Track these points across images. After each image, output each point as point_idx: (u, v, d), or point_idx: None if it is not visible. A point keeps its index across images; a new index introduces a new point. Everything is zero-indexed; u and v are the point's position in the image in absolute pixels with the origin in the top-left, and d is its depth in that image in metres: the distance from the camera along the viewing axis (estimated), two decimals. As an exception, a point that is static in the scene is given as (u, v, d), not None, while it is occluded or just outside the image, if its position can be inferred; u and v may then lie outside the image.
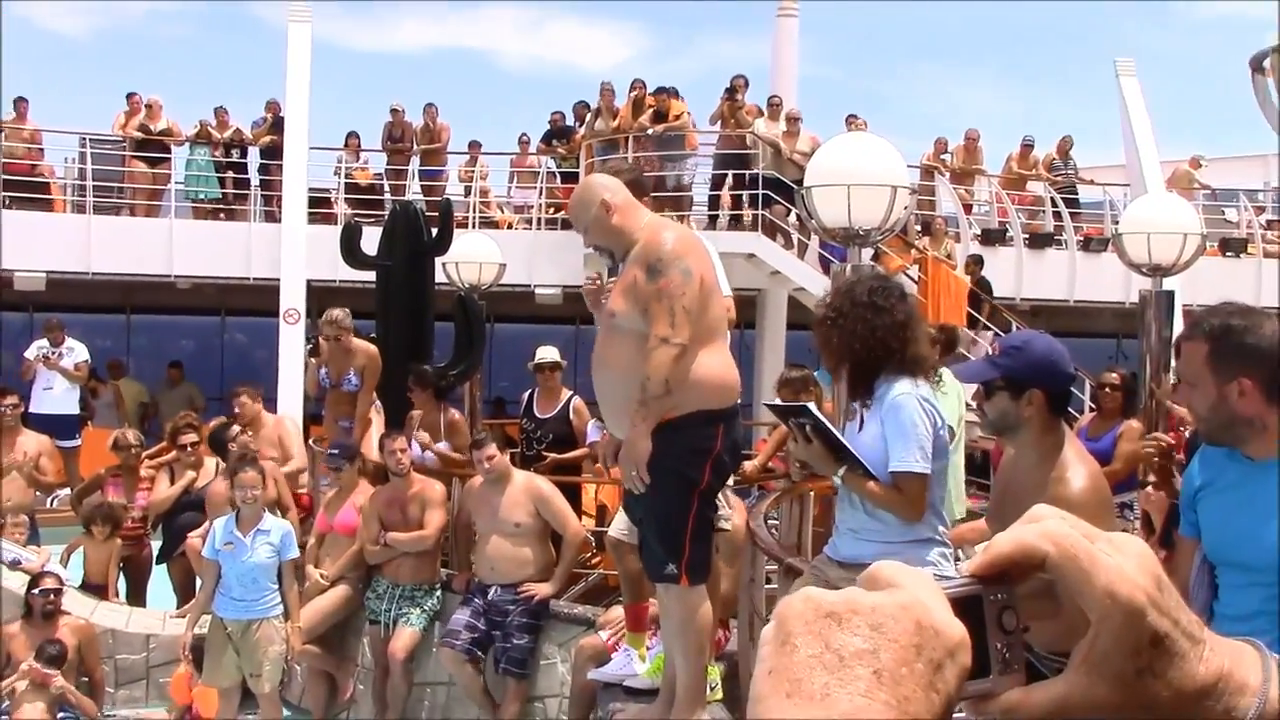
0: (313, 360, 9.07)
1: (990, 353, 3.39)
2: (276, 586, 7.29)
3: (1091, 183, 17.29)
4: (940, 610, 0.72)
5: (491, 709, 7.36)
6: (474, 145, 16.91)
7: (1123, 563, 0.77)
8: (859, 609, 0.71)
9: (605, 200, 4.23)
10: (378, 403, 9.21)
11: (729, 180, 14.53)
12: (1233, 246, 16.33)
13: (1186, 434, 6.87)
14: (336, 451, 8.17)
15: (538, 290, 15.24)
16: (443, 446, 8.74)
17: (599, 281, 4.41)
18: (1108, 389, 7.00)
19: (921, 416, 3.67)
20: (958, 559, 3.94)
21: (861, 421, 3.84)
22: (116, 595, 9.09)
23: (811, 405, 3.84)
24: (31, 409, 10.78)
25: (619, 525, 4.81)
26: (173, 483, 9.10)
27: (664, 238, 4.16)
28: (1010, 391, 3.23)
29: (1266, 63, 4.14)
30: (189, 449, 9.13)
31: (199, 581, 8.45)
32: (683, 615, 4.35)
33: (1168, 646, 0.77)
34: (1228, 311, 2.70)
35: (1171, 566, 3.15)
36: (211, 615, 7.30)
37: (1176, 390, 2.88)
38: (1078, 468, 3.22)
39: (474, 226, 15.20)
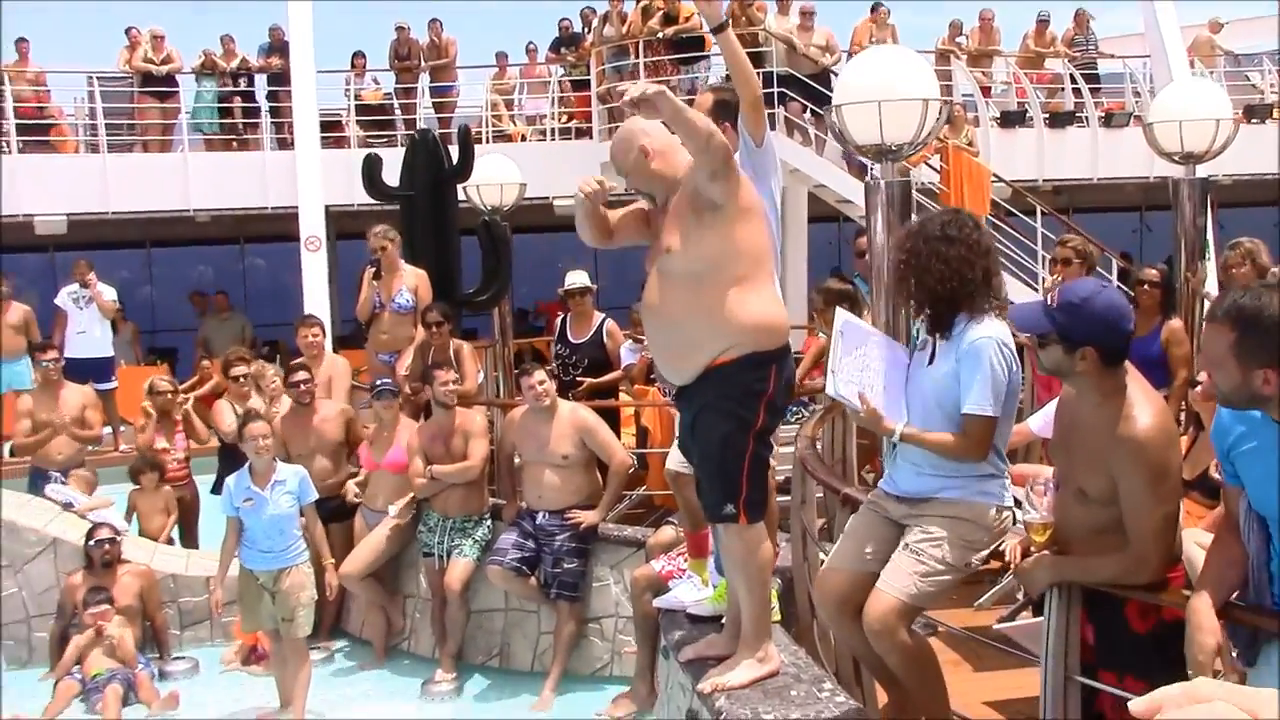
0: (372, 282, 8.87)
1: (1049, 301, 3.31)
2: (301, 533, 7.09)
3: (1112, 56, 16.94)
4: None
5: (549, 606, 7.57)
6: (500, 57, 16.67)
7: None
8: None
9: (644, 145, 4.12)
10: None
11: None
12: (1257, 113, 15.98)
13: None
14: (384, 387, 8.22)
15: (556, 202, 15.16)
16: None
17: (605, 185, 4.24)
18: (1146, 285, 6.92)
19: (1000, 361, 3.69)
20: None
21: (933, 354, 3.86)
22: (170, 543, 9.08)
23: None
24: (67, 354, 10.76)
25: (676, 457, 4.83)
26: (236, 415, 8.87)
27: None
28: (1064, 346, 3.22)
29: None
30: (241, 380, 9.08)
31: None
32: (743, 552, 4.36)
33: None
34: (1256, 295, 2.69)
35: (1227, 523, 3.13)
36: (240, 568, 7.06)
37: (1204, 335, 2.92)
38: (1144, 405, 3.20)
39: (488, 140, 15.07)
